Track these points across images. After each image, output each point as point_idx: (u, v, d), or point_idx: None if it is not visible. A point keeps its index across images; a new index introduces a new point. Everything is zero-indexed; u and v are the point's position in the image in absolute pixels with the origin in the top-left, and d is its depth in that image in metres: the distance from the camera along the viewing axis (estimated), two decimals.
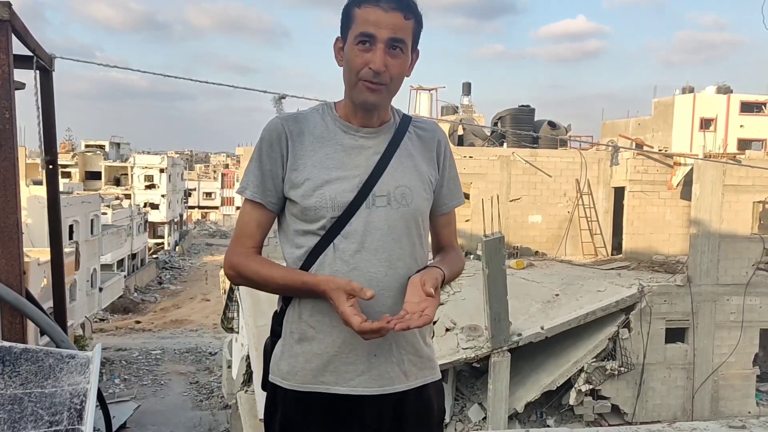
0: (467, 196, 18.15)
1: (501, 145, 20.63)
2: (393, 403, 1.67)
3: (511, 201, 18.48)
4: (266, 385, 1.75)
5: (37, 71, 2.98)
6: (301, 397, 1.66)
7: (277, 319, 1.73)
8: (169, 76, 5.94)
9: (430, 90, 24.91)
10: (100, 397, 2.21)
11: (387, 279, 1.63)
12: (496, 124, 21.09)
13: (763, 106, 28.32)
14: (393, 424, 1.68)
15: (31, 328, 2.63)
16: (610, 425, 12.92)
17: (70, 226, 27.09)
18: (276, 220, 1.73)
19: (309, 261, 1.63)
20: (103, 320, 34.92)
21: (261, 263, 1.65)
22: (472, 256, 16.19)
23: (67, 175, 46.81)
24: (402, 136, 1.71)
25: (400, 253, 1.65)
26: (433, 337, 12.17)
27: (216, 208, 75.60)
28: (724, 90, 28.60)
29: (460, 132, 21.19)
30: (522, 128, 19.36)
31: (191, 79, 5.53)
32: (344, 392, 1.64)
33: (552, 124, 20.90)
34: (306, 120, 1.69)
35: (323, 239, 1.62)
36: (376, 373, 1.64)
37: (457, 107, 25.15)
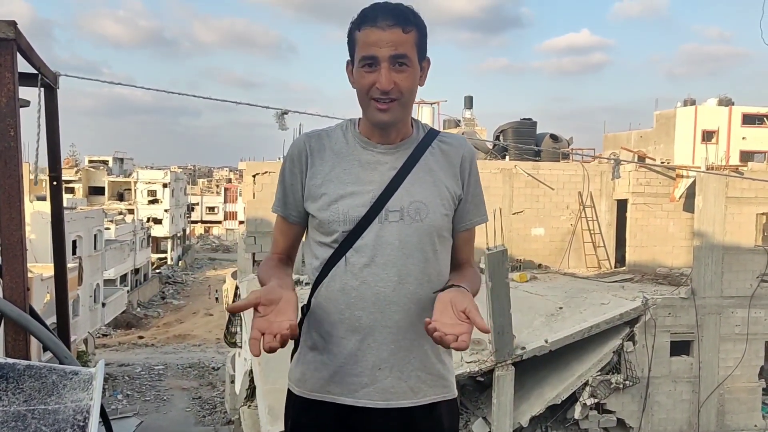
0: None
1: (503, 158, 20.65)
2: (401, 419, 1.67)
3: (513, 214, 18.47)
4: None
5: (42, 89, 3.01)
6: (310, 404, 1.70)
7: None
8: (172, 92, 5.97)
9: (432, 104, 25.01)
10: (103, 414, 2.21)
11: (395, 294, 1.63)
12: (498, 137, 21.13)
13: (765, 118, 28.37)
14: None
15: (35, 343, 2.63)
16: None
17: (74, 242, 27.15)
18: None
19: (323, 272, 1.68)
20: (106, 335, 34.90)
21: (267, 264, 1.76)
22: None
23: (71, 190, 47.02)
24: (423, 151, 1.71)
25: (411, 269, 1.65)
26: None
27: (219, 222, 75.69)
28: (726, 102, 28.67)
29: None
30: (524, 141, 19.40)
31: (194, 96, 5.58)
32: (349, 403, 1.66)
33: (554, 137, 20.94)
34: (329, 137, 1.73)
35: (336, 252, 1.66)
36: (381, 387, 1.65)
37: (459, 121, 25.24)
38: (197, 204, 73.96)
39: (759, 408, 14.27)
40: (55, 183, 3.27)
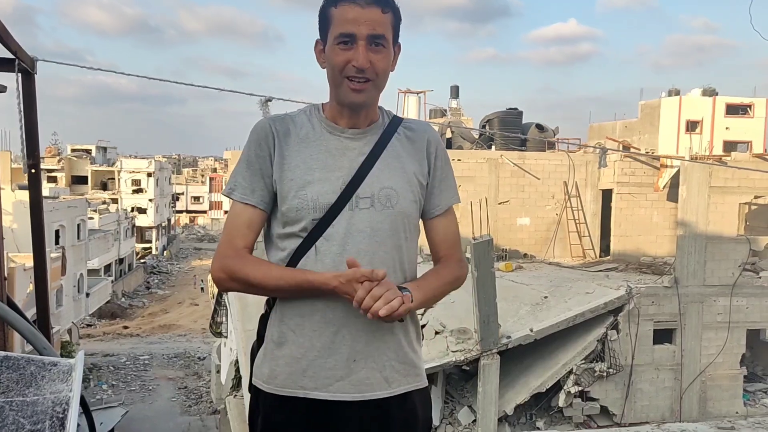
0: None
1: (489, 147, 20.69)
2: (376, 410, 1.63)
3: (499, 204, 18.53)
4: (251, 387, 1.73)
5: (19, 74, 2.95)
6: (281, 401, 1.64)
7: (262, 322, 1.71)
8: (154, 78, 5.88)
9: (418, 93, 24.96)
10: (84, 405, 2.18)
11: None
12: (484, 126, 21.17)
13: (748, 108, 28.59)
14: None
15: (18, 336, 2.59)
16: (599, 427, 12.96)
17: (57, 231, 26.89)
18: None
19: (291, 263, 1.61)
20: (91, 326, 34.66)
21: (257, 263, 1.60)
22: None
23: (54, 179, 46.54)
24: (390, 137, 1.67)
25: (383, 256, 1.61)
26: (422, 339, 12.18)
27: (204, 212, 75.28)
28: (710, 92, 28.83)
29: (448, 135, 21.25)
30: (510, 131, 19.44)
31: (177, 82, 5.49)
32: (323, 398, 1.61)
33: (540, 127, 21.01)
34: (293, 121, 1.67)
35: (305, 241, 1.60)
36: (356, 379, 1.60)
37: (446, 110, 25.23)
38: (182, 193, 73.47)
39: (740, 395, 14.47)
40: (33, 171, 3.21)
